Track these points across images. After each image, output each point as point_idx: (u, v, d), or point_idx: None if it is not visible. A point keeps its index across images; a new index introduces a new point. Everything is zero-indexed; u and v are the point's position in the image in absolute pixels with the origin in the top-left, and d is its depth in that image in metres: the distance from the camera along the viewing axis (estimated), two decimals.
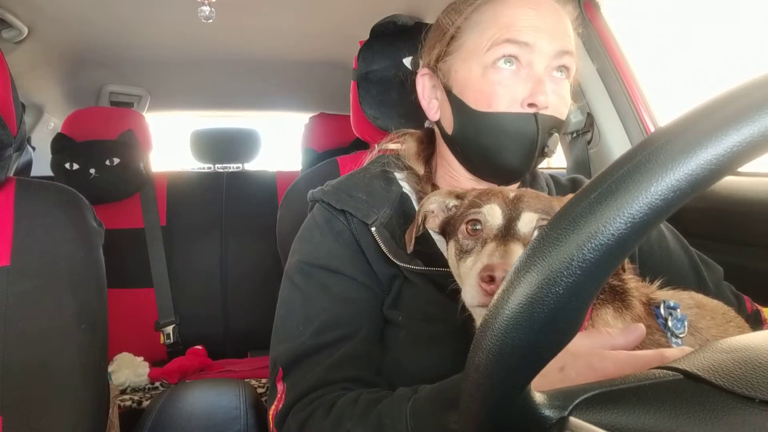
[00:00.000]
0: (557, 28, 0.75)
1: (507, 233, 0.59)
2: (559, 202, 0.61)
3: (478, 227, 0.62)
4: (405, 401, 0.62)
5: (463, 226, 0.64)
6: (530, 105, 0.74)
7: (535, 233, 0.58)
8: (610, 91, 1.46)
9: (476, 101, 0.76)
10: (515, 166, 0.77)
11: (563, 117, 0.78)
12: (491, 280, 0.54)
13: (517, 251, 0.57)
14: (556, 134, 0.77)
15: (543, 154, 0.78)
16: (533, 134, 0.74)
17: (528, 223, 0.59)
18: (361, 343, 0.74)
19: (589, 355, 0.53)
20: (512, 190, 0.65)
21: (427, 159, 0.91)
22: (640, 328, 0.58)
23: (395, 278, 0.78)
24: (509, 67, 0.74)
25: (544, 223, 0.58)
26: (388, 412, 0.62)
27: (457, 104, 0.79)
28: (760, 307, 0.87)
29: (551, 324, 0.30)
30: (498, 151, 0.77)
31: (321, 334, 0.74)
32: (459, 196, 0.70)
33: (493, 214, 0.61)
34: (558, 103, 0.76)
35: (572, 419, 0.35)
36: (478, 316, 0.59)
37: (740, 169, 0.29)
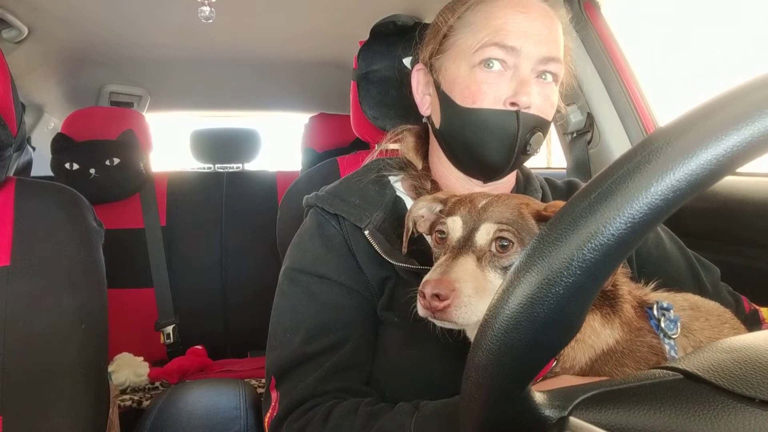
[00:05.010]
0: (545, 34, 0.76)
1: (464, 245, 0.61)
2: (528, 209, 0.62)
3: (444, 237, 0.65)
4: (408, 417, 0.63)
5: (434, 234, 0.67)
6: (512, 104, 0.76)
7: (494, 243, 0.60)
8: (610, 91, 1.46)
9: (462, 98, 0.78)
10: (496, 161, 0.79)
11: (548, 118, 0.80)
12: (424, 295, 0.57)
13: (466, 264, 0.59)
14: (540, 133, 0.79)
15: (525, 152, 0.79)
16: (514, 131, 0.76)
17: (485, 234, 0.61)
18: (351, 352, 0.75)
19: None
20: (487, 195, 0.66)
21: (426, 154, 0.92)
22: None
23: (388, 280, 0.78)
24: (495, 68, 0.76)
25: (503, 233, 0.60)
26: (391, 428, 0.63)
27: (444, 100, 0.81)
28: (757, 307, 0.87)
29: (551, 324, 0.30)
30: (480, 146, 0.79)
31: (310, 342, 0.74)
32: (443, 201, 0.71)
33: (455, 227, 0.63)
34: (543, 104, 0.78)
35: (572, 419, 0.35)
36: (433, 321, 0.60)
37: (740, 169, 0.29)
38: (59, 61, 1.95)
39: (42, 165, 2.08)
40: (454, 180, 0.86)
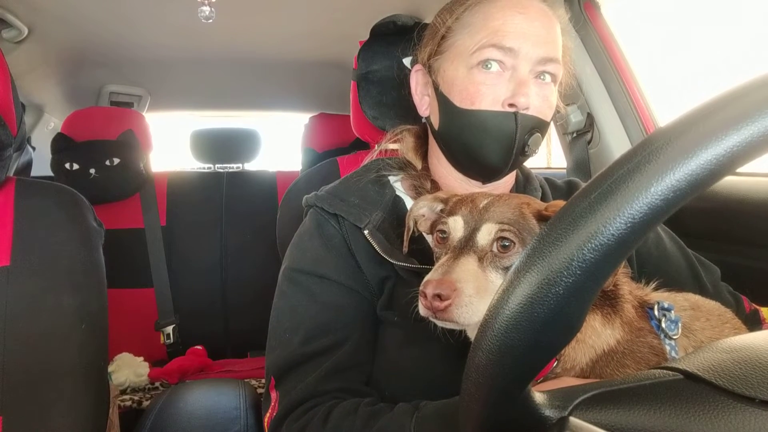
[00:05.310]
0: (544, 34, 0.76)
1: (465, 245, 0.61)
2: (529, 209, 0.62)
3: (445, 236, 0.65)
4: (408, 417, 0.63)
5: (435, 234, 0.67)
6: (511, 105, 0.76)
7: (495, 243, 0.60)
8: (610, 91, 1.46)
9: (461, 99, 0.78)
10: (494, 162, 0.79)
11: (547, 119, 0.80)
12: (426, 295, 0.57)
13: (468, 265, 0.59)
14: (538, 134, 0.79)
15: (523, 153, 0.79)
16: (512, 132, 0.76)
17: (486, 235, 0.61)
18: (351, 352, 0.75)
19: None
20: (488, 195, 0.66)
21: (425, 154, 0.92)
22: None
23: (387, 279, 0.78)
24: (494, 69, 0.76)
25: (505, 233, 0.60)
26: (391, 428, 0.63)
27: (443, 101, 0.81)
28: (757, 307, 0.87)
29: (551, 324, 0.30)
30: (479, 147, 0.79)
31: (309, 343, 0.74)
32: (444, 201, 0.71)
33: (456, 227, 0.63)
34: (541, 105, 0.78)
35: (572, 419, 0.35)
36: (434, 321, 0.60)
37: (740, 169, 0.29)
38: (59, 61, 1.95)
39: (42, 165, 2.08)
40: (453, 180, 0.87)
